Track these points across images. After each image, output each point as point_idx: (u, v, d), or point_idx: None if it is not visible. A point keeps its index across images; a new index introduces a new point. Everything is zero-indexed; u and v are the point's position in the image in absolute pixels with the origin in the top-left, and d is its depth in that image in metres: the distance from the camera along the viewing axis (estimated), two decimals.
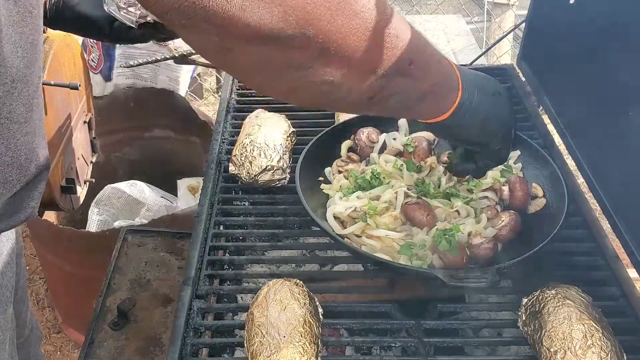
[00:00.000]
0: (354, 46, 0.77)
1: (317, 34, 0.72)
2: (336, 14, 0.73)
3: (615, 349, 0.97)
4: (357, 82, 0.83)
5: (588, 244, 1.30)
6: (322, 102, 0.93)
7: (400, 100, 0.92)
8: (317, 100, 0.88)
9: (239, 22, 0.67)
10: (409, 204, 1.30)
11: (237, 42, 0.70)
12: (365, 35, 0.77)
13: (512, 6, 3.95)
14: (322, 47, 0.74)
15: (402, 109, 0.99)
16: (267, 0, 0.67)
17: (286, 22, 0.69)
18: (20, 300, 1.40)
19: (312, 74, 0.78)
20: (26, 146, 0.97)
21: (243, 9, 0.66)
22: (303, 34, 0.71)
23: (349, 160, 1.47)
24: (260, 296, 1.07)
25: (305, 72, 0.77)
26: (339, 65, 0.78)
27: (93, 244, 2.22)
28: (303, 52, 0.74)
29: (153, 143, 2.94)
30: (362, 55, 0.79)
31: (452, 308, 1.20)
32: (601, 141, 1.40)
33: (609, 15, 1.35)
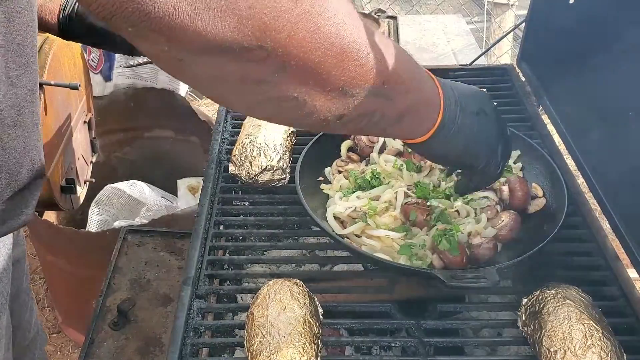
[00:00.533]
0: (317, 62, 0.71)
1: (276, 47, 0.67)
2: (297, 27, 0.67)
3: (615, 349, 0.97)
4: (323, 100, 0.77)
5: (588, 244, 1.30)
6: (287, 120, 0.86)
7: (374, 121, 0.87)
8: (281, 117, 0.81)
9: (188, 31, 0.61)
10: (409, 204, 1.30)
11: (188, 52, 0.65)
12: (329, 51, 0.71)
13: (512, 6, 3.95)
14: (281, 61, 0.69)
15: (376, 129, 0.94)
16: (220, 9, 0.61)
17: (241, 33, 0.64)
18: (22, 304, 1.40)
19: (273, 90, 0.73)
20: (16, 150, 0.96)
21: (192, 17, 0.60)
22: (260, 47, 0.66)
23: (349, 160, 1.47)
24: (260, 296, 1.07)
25: (265, 87, 0.72)
26: (302, 81, 0.73)
27: (93, 244, 2.22)
28: (261, 66, 0.68)
29: (153, 143, 2.94)
30: (326, 72, 0.73)
31: (452, 308, 1.20)
32: (601, 141, 1.40)
33: (609, 15, 1.35)
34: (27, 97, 0.96)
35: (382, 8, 3.18)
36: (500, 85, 1.83)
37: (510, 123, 1.56)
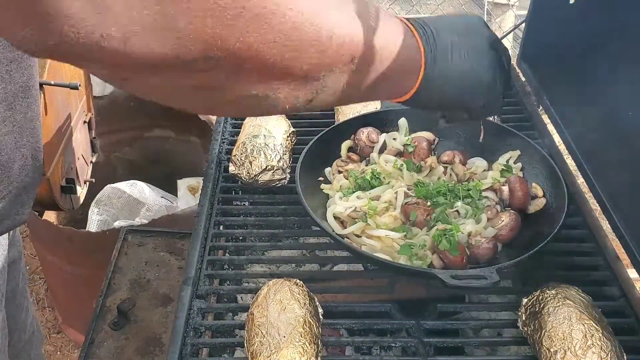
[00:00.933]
0: (273, 60, 0.67)
1: (225, 55, 0.63)
2: (247, 32, 0.62)
3: (615, 349, 0.97)
4: (287, 91, 0.73)
5: (588, 244, 1.30)
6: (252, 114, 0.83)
7: (348, 92, 0.82)
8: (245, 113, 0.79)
9: (123, 55, 0.58)
10: (409, 204, 1.30)
11: (130, 72, 0.62)
12: (286, 47, 0.67)
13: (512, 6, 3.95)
14: (233, 65, 0.65)
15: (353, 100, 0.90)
16: (156, 29, 0.57)
17: (182, 49, 0.60)
18: (18, 305, 1.39)
19: (229, 92, 0.69)
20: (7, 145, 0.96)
21: (125, 42, 0.56)
22: (207, 57, 0.62)
23: (349, 160, 1.47)
24: (260, 296, 1.07)
25: (221, 91, 0.69)
26: (259, 79, 0.69)
27: (93, 244, 2.22)
28: (211, 74, 0.64)
29: (153, 143, 2.94)
30: (285, 66, 0.69)
31: (452, 308, 1.20)
32: (601, 141, 1.40)
33: (609, 15, 1.35)
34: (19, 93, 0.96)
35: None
36: None
37: (510, 123, 1.57)
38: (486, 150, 1.44)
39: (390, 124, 1.52)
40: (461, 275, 1.08)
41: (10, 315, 1.33)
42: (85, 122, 1.69)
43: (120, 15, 0.54)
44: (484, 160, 1.44)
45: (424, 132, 1.50)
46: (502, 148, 1.44)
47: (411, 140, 1.47)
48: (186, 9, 0.57)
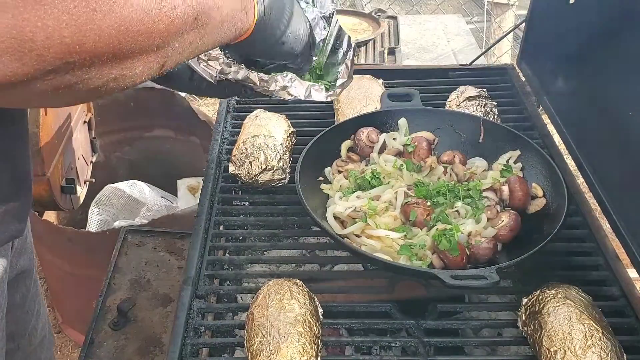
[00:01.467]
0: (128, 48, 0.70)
1: (83, 57, 0.65)
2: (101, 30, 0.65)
3: (615, 349, 0.97)
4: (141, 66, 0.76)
5: (588, 244, 1.30)
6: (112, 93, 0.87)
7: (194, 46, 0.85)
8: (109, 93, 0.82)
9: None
10: (409, 204, 1.30)
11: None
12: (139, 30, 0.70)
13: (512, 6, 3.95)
14: (89, 62, 0.67)
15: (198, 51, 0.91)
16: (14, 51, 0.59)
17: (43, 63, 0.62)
18: (28, 310, 1.39)
19: (89, 83, 0.71)
20: None
21: None
22: (66, 63, 0.64)
23: (349, 160, 1.47)
24: (260, 296, 1.07)
25: (81, 85, 0.71)
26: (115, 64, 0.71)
27: (93, 244, 2.22)
28: (70, 75, 0.67)
29: (153, 143, 2.94)
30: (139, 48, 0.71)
31: (452, 308, 1.20)
32: (601, 141, 1.40)
33: (608, 15, 1.35)
34: None
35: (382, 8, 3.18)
36: (500, 85, 1.83)
37: (510, 123, 1.57)
38: (486, 150, 1.44)
39: (390, 124, 1.52)
40: (461, 275, 1.08)
41: (19, 321, 1.33)
42: (85, 122, 1.69)
43: None
44: (484, 160, 1.44)
45: (424, 132, 1.50)
46: (502, 148, 1.44)
47: (411, 140, 1.47)
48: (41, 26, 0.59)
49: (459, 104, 1.62)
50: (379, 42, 2.77)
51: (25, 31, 0.59)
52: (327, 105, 1.72)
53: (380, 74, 1.81)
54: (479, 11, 4.79)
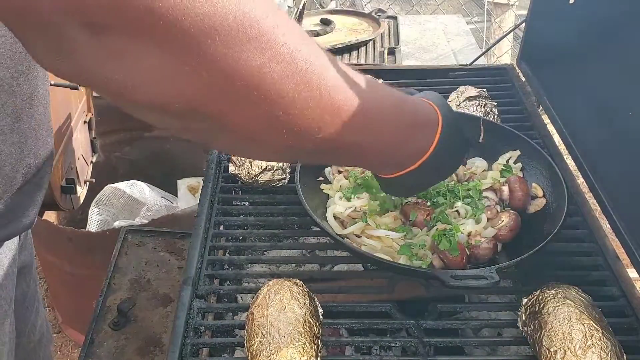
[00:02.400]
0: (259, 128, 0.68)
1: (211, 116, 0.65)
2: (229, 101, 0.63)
3: (615, 349, 0.97)
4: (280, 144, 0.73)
5: (588, 244, 1.30)
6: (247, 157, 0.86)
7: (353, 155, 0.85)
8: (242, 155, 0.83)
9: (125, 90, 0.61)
10: (409, 204, 1.30)
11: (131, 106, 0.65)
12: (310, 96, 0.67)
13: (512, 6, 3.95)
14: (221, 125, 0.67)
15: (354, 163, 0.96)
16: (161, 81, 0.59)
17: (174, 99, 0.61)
18: (28, 307, 1.40)
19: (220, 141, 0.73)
20: (12, 156, 0.96)
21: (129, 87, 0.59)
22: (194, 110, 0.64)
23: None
24: (260, 296, 1.07)
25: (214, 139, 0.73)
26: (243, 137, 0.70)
27: (93, 244, 2.22)
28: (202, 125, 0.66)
29: (153, 143, 2.94)
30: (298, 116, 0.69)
31: (452, 308, 1.20)
32: (601, 141, 1.40)
33: (608, 15, 1.35)
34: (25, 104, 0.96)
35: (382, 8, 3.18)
36: (500, 85, 1.83)
37: (510, 123, 1.57)
38: (486, 150, 1.44)
39: None
40: (461, 275, 1.08)
41: (19, 317, 1.33)
42: (85, 122, 1.69)
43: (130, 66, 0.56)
44: (484, 160, 1.44)
45: None
46: (502, 148, 1.44)
47: None
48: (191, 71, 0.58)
49: (459, 104, 1.62)
50: (379, 42, 2.77)
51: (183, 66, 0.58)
52: None
53: (380, 74, 1.81)
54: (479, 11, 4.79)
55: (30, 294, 1.39)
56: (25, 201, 1.03)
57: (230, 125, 0.66)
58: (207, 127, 0.67)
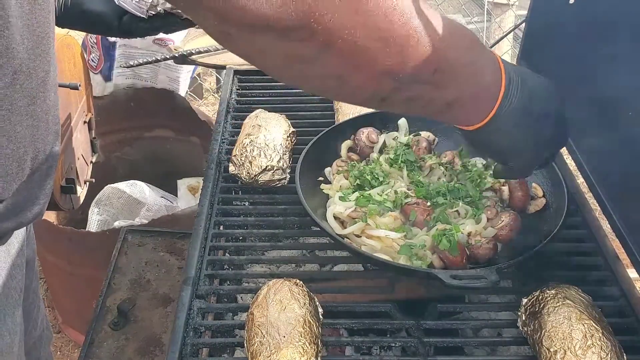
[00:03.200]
0: (362, 45, 0.72)
1: (319, 28, 0.69)
2: (341, 9, 0.69)
3: (615, 349, 0.97)
4: (367, 81, 0.78)
5: (588, 244, 1.30)
6: (330, 94, 0.89)
7: (420, 105, 0.86)
8: (325, 92, 0.86)
9: (235, 9, 0.65)
10: (409, 204, 1.30)
11: (235, 28, 0.69)
12: (375, 35, 0.73)
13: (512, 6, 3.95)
14: (325, 41, 0.71)
15: (422, 113, 0.93)
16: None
17: (285, 13, 0.67)
18: (31, 302, 1.40)
19: (317, 67, 0.75)
20: (26, 139, 0.97)
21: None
22: (303, 27, 0.68)
23: (349, 160, 1.47)
24: (260, 296, 1.07)
25: (309, 64, 0.74)
26: (346, 61, 0.75)
27: (93, 244, 2.22)
28: (305, 45, 0.71)
29: (153, 143, 2.94)
30: (372, 55, 0.74)
31: (452, 308, 1.20)
32: (601, 141, 1.40)
33: (608, 15, 1.35)
34: (40, 87, 0.97)
35: None
36: None
37: None
38: None
39: (391, 124, 1.52)
40: (461, 276, 1.08)
41: (23, 312, 1.34)
42: (85, 122, 1.69)
43: None
44: (484, 160, 1.44)
45: (424, 132, 1.50)
46: None
47: (411, 140, 1.47)
48: None
49: None
50: None
51: None
52: (327, 105, 1.72)
53: None
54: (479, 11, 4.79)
55: (33, 290, 1.40)
56: (35, 189, 1.04)
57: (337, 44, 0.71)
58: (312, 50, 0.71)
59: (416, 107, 0.87)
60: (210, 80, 4.32)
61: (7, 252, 1.11)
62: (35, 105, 0.97)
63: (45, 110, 1.01)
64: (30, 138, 0.98)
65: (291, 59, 0.74)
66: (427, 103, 0.86)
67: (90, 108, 1.74)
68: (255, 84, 1.86)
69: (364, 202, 1.30)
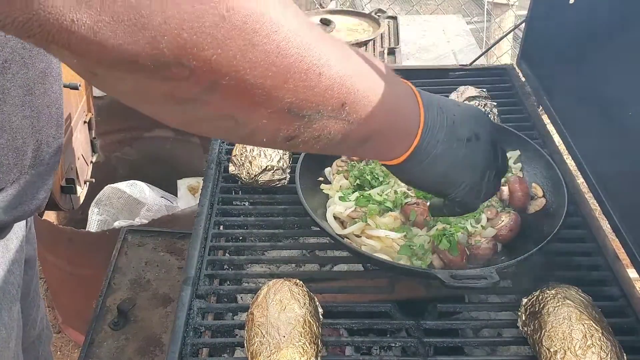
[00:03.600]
0: (253, 83, 0.62)
1: (200, 66, 0.57)
2: (225, 45, 0.57)
3: (615, 349, 0.97)
4: (267, 121, 0.68)
5: (588, 244, 1.30)
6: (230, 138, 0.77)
7: (332, 144, 0.77)
8: (221, 135, 0.73)
9: (92, 46, 0.53)
10: (409, 204, 1.30)
11: (100, 67, 0.57)
12: (269, 72, 0.62)
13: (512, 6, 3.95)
14: (209, 80, 0.59)
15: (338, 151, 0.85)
16: (128, 23, 0.52)
17: (155, 49, 0.55)
18: (31, 301, 1.40)
19: (204, 109, 0.64)
20: (24, 130, 0.97)
21: (95, 31, 0.52)
22: (180, 64, 0.57)
23: (349, 160, 1.47)
24: (260, 296, 1.07)
25: (195, 105, 0.63)
26: (237, 101, 0.64)
27: (93, 244, 2.22)
28: (184, 84, 0.59)
29: (153, 143, 2.94)
30: (266, 94, 0.64)
31: (452, 308, 1.20)
32: (601, 141, 1.40)
33: (609, 15, 1.35)
34: (38, 79, 0.97)
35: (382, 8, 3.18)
36: (500, 85, 1.83)
37: (510, 123, 1.57)
38: None
39: None
40: (461, 275, 1.08)
41: (22, 310, 1.34)
42: (85, 122, 1.69)
43: (92, 2, 0.50)
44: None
45: None
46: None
47: None
48: (161, 9, 0.53)
49: None
50: (379, 42, 2.77)
51: (143, 6, 0.52)
52: None
53: None
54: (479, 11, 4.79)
55: (33, 288, 1.40)
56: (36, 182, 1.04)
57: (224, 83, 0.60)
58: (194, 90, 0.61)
59: (329, 145, 0.78)
60: None
61: (6, 247, 1.11)
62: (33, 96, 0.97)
63: (47, 102, 1.01)
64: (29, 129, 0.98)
65: (172, 101, 0.62)
66: (341, 141, 0.78)
67: (90, 108, 1.74)
68: None
69: (364, 202, 1.30)
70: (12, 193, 0.99)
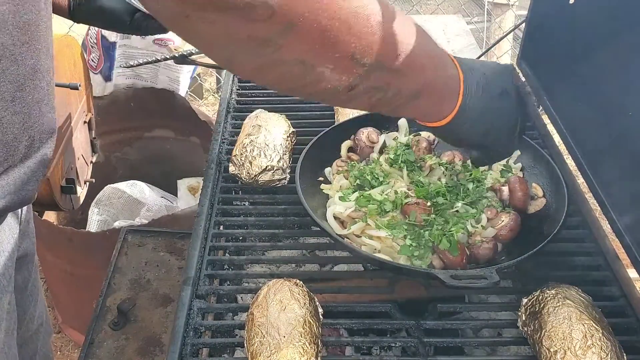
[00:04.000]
0: (325, 24, 0.70)
1: (282, 6, 0.67)
2: None
3: (615, 349, 0.97)
4: (332, 67, 0.76)
5: (588, 244, 1.30)
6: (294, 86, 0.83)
7: (388, 97, 0.86)
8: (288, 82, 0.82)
9: None
10: (409, 204, 1.30)
11: (193, 7, 0.65)
12: (338, 14, 0.71)
13: (512, 6, 3.95)
14: (287, 20, 0.68)
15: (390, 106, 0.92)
16: None
17: None
18: (29, 295, 1.41)
19: (279, 51, 0.72)
20: (15, 126, 0.97)
21: None
22: (265, 4, 0.66)
23: (349, 160, 1.47)
24: (260, 296, 1.07)
25: (272, 47, 0.71)
26: (309, 43, 0.72)
27: (93, 244, 2.22)
28: (267, 25, 0.68)
29: (153, 143, 2.94)
30: (334, 37, 0.72)
31: (452, 308, 1.20)
32: (601, 141, 1.40)
33: (609, 15, 1.35)
34: (28, 75, 0.97)
35: None
36: None
37: None
38: None
39: (391, 124, 1.52)
40: (461, 275, 1.08)
41: (19, 303, 1.34)
42: (85, 122, 1.69)
43: None
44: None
45: (424, 132, 1.50)
46: None
47: (411, 141, 1.47)
48: None
49: None
50: None
51: None
52: (327, 105, 1.72)
53: None
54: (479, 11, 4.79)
55: (32, 283, 1.40)
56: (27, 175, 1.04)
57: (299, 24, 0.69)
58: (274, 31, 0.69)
59: (384, 99, 0.86)
60: (211, 81, 4.32)
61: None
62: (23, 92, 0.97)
63: (37, 99, 1.01)
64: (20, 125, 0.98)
65: (253, 43, 0.71)
66: (394, 94, 0.86)
67: (90, 108, 1.74)
68: (256, 84, 1.86)
69: (364, 202, 1.30)
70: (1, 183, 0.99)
